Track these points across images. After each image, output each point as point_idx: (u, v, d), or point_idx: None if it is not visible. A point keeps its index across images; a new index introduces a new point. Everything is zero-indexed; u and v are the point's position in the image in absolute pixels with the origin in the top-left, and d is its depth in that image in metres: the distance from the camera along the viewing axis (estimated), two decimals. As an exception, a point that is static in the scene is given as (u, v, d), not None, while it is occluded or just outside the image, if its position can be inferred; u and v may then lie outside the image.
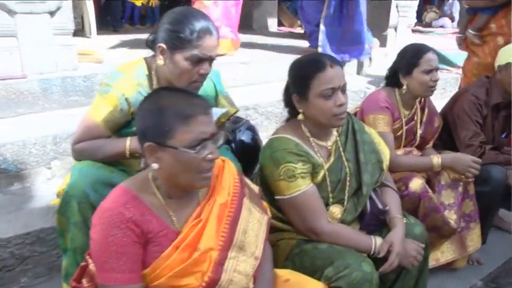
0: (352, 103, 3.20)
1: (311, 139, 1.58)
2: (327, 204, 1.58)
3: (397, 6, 5.04)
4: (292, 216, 1.55)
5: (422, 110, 2.26)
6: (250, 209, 1.26)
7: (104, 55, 3.27)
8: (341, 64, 1.56)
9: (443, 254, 2.13)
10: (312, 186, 1.53)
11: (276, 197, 1.55)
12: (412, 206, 1.95)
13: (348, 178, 1.62)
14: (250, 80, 3.23)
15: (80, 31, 4.48)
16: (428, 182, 2.12)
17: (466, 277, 2.22)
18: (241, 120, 2.28)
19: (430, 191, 2.00)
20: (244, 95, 2.99)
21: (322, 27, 3.57)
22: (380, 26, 4.88)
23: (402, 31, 5.17)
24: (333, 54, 3.57)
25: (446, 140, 2.39)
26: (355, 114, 2.26)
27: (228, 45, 3.50)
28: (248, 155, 2.03)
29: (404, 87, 2.13)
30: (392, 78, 2.19)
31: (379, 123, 2.06)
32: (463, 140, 2.28)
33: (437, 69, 2.09)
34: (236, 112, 1.91)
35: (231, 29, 3.58)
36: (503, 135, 2.46)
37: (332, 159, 1.60)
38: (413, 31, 6.33)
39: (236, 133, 2.19)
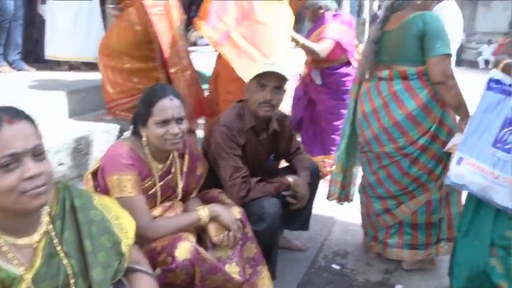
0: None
1: (0, 240, 1.05)
2: None
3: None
4: None
5: (182, 157, 1.87)
6: None
7: None
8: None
9: (237, 310, 1.82)
10: None
11: None
12: (187, 276, 1.56)
13: (72, 281, 1.13)
14: None
15: None
16: (198, 237, 1.76)
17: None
18: None
19: (201, 250, 1.62)
20: None
21: None
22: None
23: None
24: None
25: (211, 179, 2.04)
26: (95, 173, 1.73)
27: None
28: None
29: (144, 138, 1.72)
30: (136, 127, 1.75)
31: (126, 185, 1.62)
32: (225, 180, 1.99)
33: (178, 119, 1.66)
34: None
35: None
36: (272, 158, 2.29)
37: (38, 262, 1.09)
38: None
39: None
